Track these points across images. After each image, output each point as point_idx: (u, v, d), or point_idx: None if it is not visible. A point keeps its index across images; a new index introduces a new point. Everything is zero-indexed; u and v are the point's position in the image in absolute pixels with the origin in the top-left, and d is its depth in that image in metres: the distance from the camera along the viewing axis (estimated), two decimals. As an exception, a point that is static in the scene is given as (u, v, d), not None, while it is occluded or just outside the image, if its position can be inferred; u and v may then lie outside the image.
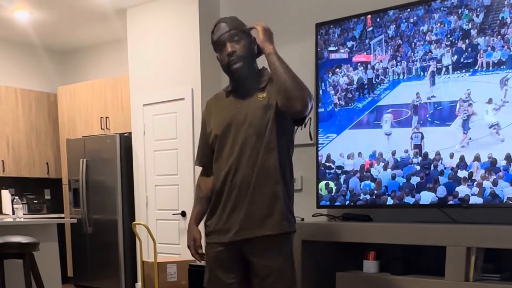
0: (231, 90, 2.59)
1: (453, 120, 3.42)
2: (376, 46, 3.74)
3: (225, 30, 2.52)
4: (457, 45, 3.41)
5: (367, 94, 3.78)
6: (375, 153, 3.70)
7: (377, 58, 3.73)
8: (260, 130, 2.48)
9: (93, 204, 6.27)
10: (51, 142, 7.24)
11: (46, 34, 6.75)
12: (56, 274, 4.76)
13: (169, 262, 4.73)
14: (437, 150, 3.47)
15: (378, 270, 3.43)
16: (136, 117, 5.76)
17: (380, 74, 3.72)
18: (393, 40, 3.66)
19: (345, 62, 3.86)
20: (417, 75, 3.57)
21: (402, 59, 3.64)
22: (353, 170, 3.79)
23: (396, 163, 3.63)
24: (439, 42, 3.49)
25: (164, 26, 5.43)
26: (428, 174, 3.49)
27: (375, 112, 3.74)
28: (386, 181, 3.65)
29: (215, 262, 2.57)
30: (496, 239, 2.91)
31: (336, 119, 3.89)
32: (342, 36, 3.88)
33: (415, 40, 3.60)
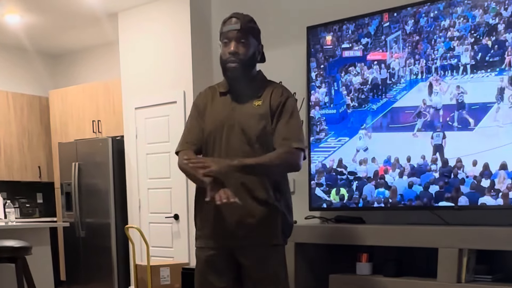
0: (226, 91, 2.57)
1: (477, 124, 3.20)
2: (393, 43, 3.50)
3: (236, 28, 2.46)
4: (482, 42, 3.16)
5: (382, 95, 3.57)
6: (390, 159, 3.51)
7: (393, 56, 3.49)
8: (251, 139, 2.47)
9: (86, 208, 6.25)
10: (43, 146, 7.21)
11: (38, 38, 6.72)
12: (48, 278, 4.74)
13: (162, 266, 4.72)
14: (458, 156, 3.25)
15: (371, 272, 3.43)
16: (128, 121, 5.75)
17: (397, 73, 3.48)
18: (411, 37, 3.42)
19: (359, 60, 3.64)
20: (438, 75, 3.32)
21: (421, 57, 3.39)
22: (366, 176, 3.61)
23: (412, 169, 3.41)
24: (461, 39, 3.24)
25: (156, 30, 5.42)
26: (447, 182, 3.29)
27: (391, 114, 3.53)
28: (402, 189, 3.48)
29: (207, 266, 2.55)
30: (488, 241, 2.92)
31: (348, 121, 3.70)
32: (357, 32, 3.64)
33: (435, 36, 3.34)
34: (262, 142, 2.48)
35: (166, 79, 5.33)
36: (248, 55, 2.49)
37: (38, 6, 5.66)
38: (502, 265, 3.18)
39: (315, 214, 3.92)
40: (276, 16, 4.37)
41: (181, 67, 5.19)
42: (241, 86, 2.53)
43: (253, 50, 2.52)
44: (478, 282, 3.03)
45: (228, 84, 2.56)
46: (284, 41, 4.28)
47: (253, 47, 2.52)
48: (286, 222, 2.55)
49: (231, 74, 2.50)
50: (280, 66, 4.01)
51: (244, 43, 2.47)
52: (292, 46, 4.24)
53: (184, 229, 5.21)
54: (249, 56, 2.49)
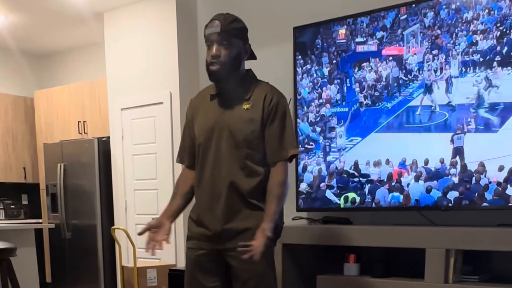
0: (216, 94, 2.56)
1: (501, 126, 2.99)
2: (410, 37, 3.27)
3: (217, 30, 2.44)
4: (509, 35, 2.94)
5: (398, 93, 3.35)
6: (405, 161, 3.32)
7: (410, 51, 3.28)
8: (239, 143, 2.46)
9: (72, 209, 6.20)
10: (28, 147, 7.15)
11: (22, 38, 6.67)
12: (34, 280, 4.70)
13: (149, 267, 4.69)
14: (480, 160, 3.04)
15: (359, 272, 3.43)
16: (114, 121, 5.72)
17: (414, 70, 3.27)
18: (430, 30, 3.20)
19: (373, 55, 3.42)
20: (458, 72, 3.11)
21: (441, 53, 3.16)
22: (379, 179, 3.43)
23: (429, 173, 3.21)
24: (486, 32, 3.01)
25: (142, 30, 5.40)
26: (468, 188, 3.09)
27: (406, 114, 3.32)
28: (418, 195, 3.28)
29: (196, 265, 2.55)
30: (474, 241, 2.93)
31: (361, 121, 3.49)
32: (372, 25, 3.40)
33: (456, 30, 3.11)
34: (250, 146, 2.47)
35: (153, 80, 5.31)
36: (230, 57, 2.46)
37: (23, 6, 5.61)
38: (489, 266, 3.20)
39: (302, 215, 3.91)
40: (263, 15, 4.35)
41: (167, 68, 5.16)
42: (229, 88, 2.52)
43: (237, 51, 2.49)
44: (465, 283, 3.03)
45: (217, 87, 2.55)
46: (272, 40, 4.27)
47: (237, 48, 2.49)
48: (275, 224, 2.54)
49: (214, 78, 2.49)
50: (267, 66, 3.99)
51: (225, 45, 2.45)
52: (280, 46, 4.22)
53: (171, 230, 5.17)
54: (232, 58, 2.47)
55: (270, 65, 4.04)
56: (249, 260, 2.35)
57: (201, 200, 2.54)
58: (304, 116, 3.79)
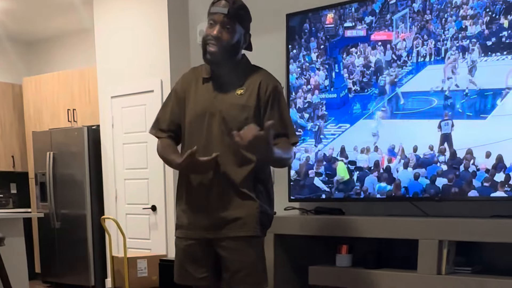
0: (209, 77, 2.49)
1: (490, 113, 2.99)
2: (399, 22, 3.25)
3: (223, 11, 2.38)
4: (499, 21, 2.92)
5: (387, 78, 3.34)
6: (393, 148, 3.32)
7: (399, 36, 3.26)
8: (232, 130, 2.37)
9: (61, 198, 6.15)
10: (17, 135, 7.08)
11: (11, 24, 6.57)
12: (22, 270, 4.66)
13: (139, 257, 4.67)
14: (469, 147, 3.03)
15: (351, 263, 3.41)
16: (104, 110, 5.66)
17: (403, 55, 3.26)
18: (420, 15, 3.18)
19: (362, 41, 3.40)
20: (447, 57, 3.09)
21: (430, 38, 3.15)
22: (368, 166, 3.43)
23: (418, 160, 3.21)
24: (475, 18, 3.01)
25: (132, 17, 5.32)
26: (458, 175, 3.09)
27: (395, 100, 3.31)
28: (407, 182, 3.28)
29: (186, 256, 2.52)
30: (467, 232, 2.92)
31: (350, 107, 3.47)
32: (361, 9, 3.39)
33: (446, 15, 3.10)
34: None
35: (143, 68, 5.25)
36: (231, 42, 2.41)
37: (10, -9, 5.53)
38: (481, 257, 3.19)
39: (295, 205, 3.89)
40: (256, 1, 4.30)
41: (158, 56, 5.10)
42: (223, 73, 2.47)
43: (238, 38, 2.44)
44: (458, 274, 3.03)
45: (210, 70, 2.49)
46: (265, 27, 4.22)
47: (238, 35, 2.44)
48: (266, 214, 2.51)
49: (209, 58, 2.42)
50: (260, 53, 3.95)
51: (228, 29, 2.40)
52: (274, 33, 4.17)
53: (162, 220, 5.15)
54: (232, 44, 2.42)
55: (262, 51, 3.99)
56: (237, 249, 2.37)
57: (190, 189, 2.50)
58: (292, 102, 3.73)
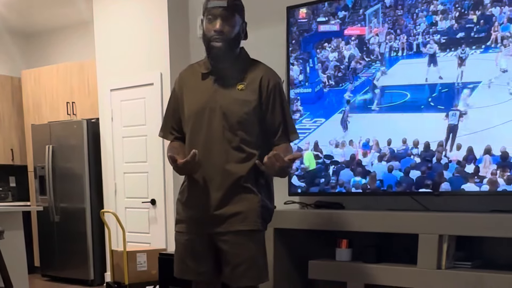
0: (208, 72, 2.49)
1: (460, 106, 3.07)
2: (372, 17, 3.32)
3: (223, 5, 2.37)
4: (467, 16, 3.01)
5: (361, 73, 3.39)
6: (368, 142, 3.38)
7: (372, 31, 3.32)
8: (233, 125, 2.42)
9: (60, 192, 6.14)
10: (16, 128, 7.06)
11: (10, 16, 6.53)
12: (22, 264, 4.64)
13: (139, 251, 4.66)
14: (441, 140, 3.11)
15: (351, 258, 3.41)
16: (103, 103, 5.65)
17: (376, 50, 3.32)
18: (392, 10, 3.25)
19: (335, 36, 3.45)
20: (419, 52, 3.17)
21: (402, 33, 3.22)
22: (344, 160, 3.48)
23: (392, 153, 3.27)
24: (445, 13, 3.09)
25: (132, 9, 5.30)
26: (430, 167, 3.16)
27: (369, 94, 3.36)
28: (381, 175, 3.36)
29: (186, 250, 2.52)
30: (468, 227, 2.92)
31: (324, 101, 3.51)
32: (333, 4, 3.45)
33: (417, 10, 3.17)
34: (244, 127, 2.43)
35: (143, 60, 5.23)
36: (233, 34, 2.42)
37: (9, -16, 5.49)
38: (481, 252, 3.20)
39: (295, 199, 3.88)
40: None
41: (158, 48, 5.08)
42: (224, 67, 2.46)
43: (238, 29, 2.45)
44: (458, 269, 3.03)
45: (210, 64, 2.48)
46: (264, 20, 4.20)
47: (238, 26, 2.44)
48: (266, 208, 2.51)
49: (215, 54, 2.42)
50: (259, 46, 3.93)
51: (229, 22, 2.40)
52: (272, 26, 4.15)
53: (161, 214, 5.14)
54: (234, 35, 2.42)
55: (262, 45, 3.98)
56: (238, 243, 2.39)
57: (191, 184, 2.49)
58: None
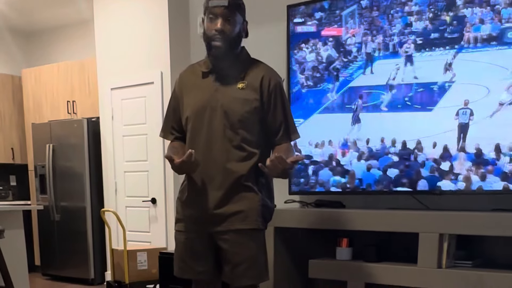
0: (209, 71, 2.49)
1: (435, 105, 3.14)
2: (348, 18, 3.36)
3: (224, 3, 2.37)
4: (441, 17, 3.10)
5: (338, 73, 3.45)
6: (347, 141, 3.44)
7: (349, 32, 3.36)
8: (234, 124, 2.42)
9: (61, 191, 6.13)
10: (16, 127, 7.05)
11: (11, 15, 6.52)
12: (22, 263, 4.64)
13: (139, 250, 4.66)
14: (418, 138, 3.19)
15: (351, 257, 3.40)
16: (104, 102, 5.64)
17: (353, 51, 3.37)
18: (368, 11, 3.30)
19: (313, 36, 3.49)
20: (395, 52, 3.24)
21: (378, 34, 3.28)
22: (323, 160, 3.54)
23: (371, 152, 3.34)
24: (420, 14, 3.15)
25: (132, 8, 5.29)
26: (408, 166, 3.24)
27: (347, 94, 3.42)
28: (360, 174, 3.41)
29: (186, 249, 2.51)
30: (468, 226, 2.92)
31: (303, 102, 3.55)
32: (310, 5, 3.49)
33: (392, 11, 3.24)
34: (245, 126, 2.43)
35: (143, 59, 5.22)
36: (234, 33, 2.41)
37: (9, -18, 5.49)
38: (482, 251, 3.19)
39: (295, 198, 3.88)
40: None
41: (158, 47, 5.08)
42: (224, 66, 2.46)
43: (239, 28, 2.44)
44: (458, 268, 3.03)
45: (210, 63, 2.48)
46: (264, 19, 4.19)
47: (239, 25, 2.44)
48: (267, 207, 2.51)
49: (216, 53, 2.42)
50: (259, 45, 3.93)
51: (230, 21, 2.40)
52: (272, 25, 4.14)
53: (162, 213, 5.14)
54: (234, 35, 2.42)
55: (261, 44, 3.97)
56: (239, 242, 2.39)
57: (191, 183, 2.49)
58: None
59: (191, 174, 2.45)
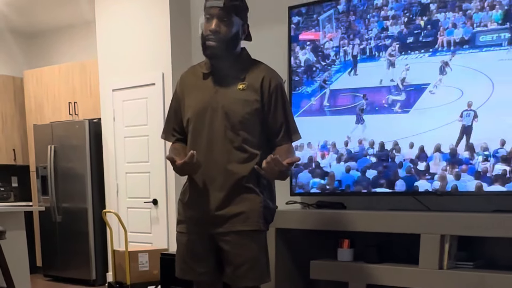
0: (209, 72, 2.49)
1: (412, 107, 3.22)
2: (326, 22, 3.41)
3: (219, 5, 2.37)
4: (416, 21, 3.17)
5: (317, 77, 3.49)
6: (326, 144, 3.49)
7: (326, 36, 3.41)
8: (235, 125, 2.42)
9: (62, 192, 6.14)
10: (18, 128, 7.06)
11: (12, 16, 6.53)
12: (24, 264, 4.65)
13: (140, 251, 4.66)
14: (395, 139, 3.28)
15: (353, 258, 3.40)
16: (105, 103, 5.65)
17: (331, 55, 3.41)
18: (345, 16, 3.35)
19: (291, 40, 3.55)
20: (372, 56, 3.31)
21: (355, 38, 3.33)
22: (302, 163, 3.57)
23: (350, 154, 3.41)
24: (395, 18, 3.22)
25: (134, 9, 5.30)
26: (386, 166, 3.31)
27: (326, 97, 3.46)
28: (340, 175, 3.49)
29: (187, 251, 2.52)
30: (470, 227, 2.91)
31: None
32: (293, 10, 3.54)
33: (368, 16, 3.30)
34: (246, 128, 2.43)
35: (145, 61, 5.23)
36: (229, 35, 2.41)
37: (11, -16, 5.50)
38: (483, 252, 3.19)
39: (296, 199, 3.88)
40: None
41: (160, 48, 5.08)
42: (223, 66, 2.46)
43: (236, 30, 2.44)
44: (460, 269, 3.02)
45: (210, 65, 2.48)
46: (264, 20, 4.19)
47: (236, 27, 2.44)
48: (268, 208, 2.52)
49: (210, 53, 2.42)
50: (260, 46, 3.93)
51: (226, 22, 2.40)
52: (273, 26, 4.15)
53: (163, 214, 5.14)
54: (230, 36, 2.41)
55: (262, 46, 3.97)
56: (241, 243, 2.38)
57: (193, 184, 2.49)
58: None
59: (192, 175, 2.45)
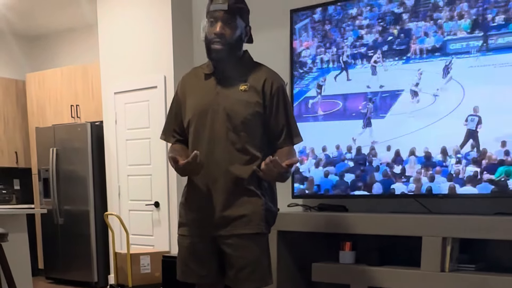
0: (211, 73, 2.50)
1: (387, 112, 3.29)
2: (302, 31, 3.47)
3: (223, 8, 2.38)
4: (389, 30, 3.24)
5: (294, 84, 3.56)
6: (305, 149, 3.54)
7: (303, 44, 3.48)
8: (237, 126, 2.42)
9: (64, 195, 6.15)
10: (20, 131, 7.08)
11: (14, 19, 6.56)
12: (26, 266, 4.65)
13: (142, 254, 4.67)
14: (372, 144, 3.36)
15: (354, 260, 3.40)
16: (107, 106, 5.65)
17: (308, 63, 3.48)
18: (320, 25, 3.42)
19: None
20: (348, 64, 3.37)
21: (331, 46, 3.40)
22: None
23: (328, 159, 3.48)
24: (370, 27, 3.29)
25: (136, 12, 5.31)
26: (363, 170, 3.39)
27: (304, 104, 3.54)
28: (318, 180, 3.56)
29: (189, 253, 2.51)
30: (471, 229, 2.91)
31: None
32: None
33: (344, 25, 3.37)
34: (247, 129, 2.43)
35: (147, 63, 5.24)
36: (234, 37, 2.42)
37: (13, -13, 5.51)
38: (485, 254, 3.18)
39: (298, 201, 3.88)
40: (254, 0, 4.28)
41: (161, 51, 5.09)
42: (226, 68, 2.47)
43: (240, 32, 2.45)
44: (462, 271, 3.02)
45: (212, 66, 2.49)
46: (266, 23, 4.20)
47: (240, 29, 2.45)
48: (270, 210, 2.51)
49: (215, 56, 2.43)
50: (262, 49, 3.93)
51: (230, 25, 2.40)
52: (273, 29, 4.15)
53: (165, 217, 5.15)
54: (235, 39, 2.42)
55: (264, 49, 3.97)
56: (242, 246, 2.38)
57: (194, 186, 2.49)
58: None
59: (194, 176, 2.45)
